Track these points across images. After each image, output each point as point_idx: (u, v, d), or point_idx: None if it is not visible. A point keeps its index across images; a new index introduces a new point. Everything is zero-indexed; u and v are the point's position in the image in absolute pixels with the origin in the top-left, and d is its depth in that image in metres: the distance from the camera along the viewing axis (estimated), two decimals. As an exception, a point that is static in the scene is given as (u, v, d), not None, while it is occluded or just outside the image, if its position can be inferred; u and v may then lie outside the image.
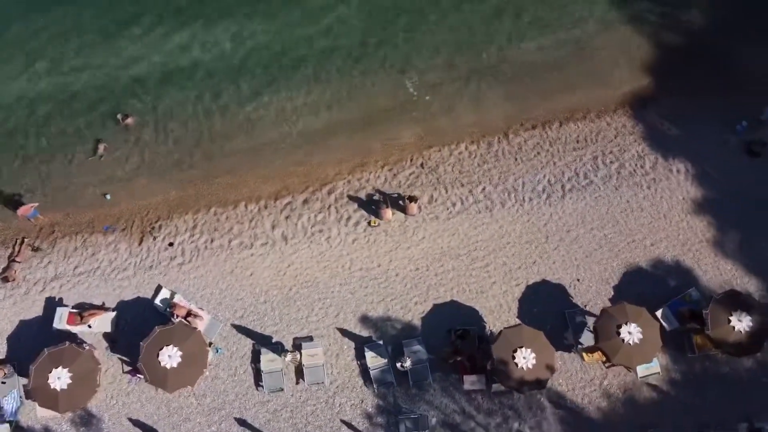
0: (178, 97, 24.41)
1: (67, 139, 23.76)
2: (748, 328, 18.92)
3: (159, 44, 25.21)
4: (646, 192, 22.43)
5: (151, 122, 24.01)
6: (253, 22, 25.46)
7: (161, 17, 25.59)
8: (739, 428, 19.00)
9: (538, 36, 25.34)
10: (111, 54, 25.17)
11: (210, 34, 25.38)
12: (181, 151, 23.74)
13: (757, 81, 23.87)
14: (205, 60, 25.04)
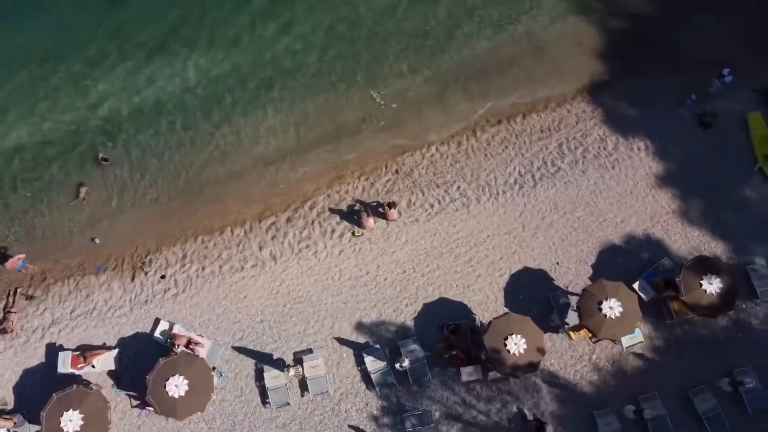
0: (150, 132, 24.79)
1: (47, 186, 24.04)
2: (719, 289, 20.17)
3: (125, 82, 25.52)
4: (612, 172, 23.59)
5: (127, 159, 24.41)
6: (215, 50, 25.96)
7: (124, 55, 25.85)
8: (721, 383, 20.22)
9: (493, 34, 26.32)
10: (79, 97, 25.41)
11: (174, 66, 25.75)
12: (160, 185, 24.19)
13: (702, 57, 25.20)
14: (172, 92, 25.45)
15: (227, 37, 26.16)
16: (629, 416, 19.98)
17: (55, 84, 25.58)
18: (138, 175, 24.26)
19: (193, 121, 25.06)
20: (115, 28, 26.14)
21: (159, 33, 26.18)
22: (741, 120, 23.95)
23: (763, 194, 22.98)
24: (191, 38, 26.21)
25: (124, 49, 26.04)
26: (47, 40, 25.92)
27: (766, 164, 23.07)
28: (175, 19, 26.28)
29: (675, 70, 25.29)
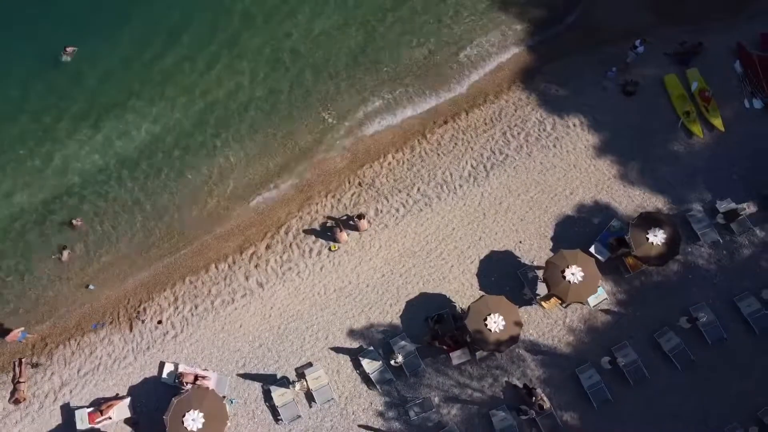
0: (119, 187, 25.79)
1: (28, 256, 24.81)
2: (664, 240, 22.45)
3: (86, 144, 26.31)
4: (554, 150, 25.70)
5: (102, 218, 25.32)
6: (169, 98, 27.03)
7: (78, 119, 26.63)
8: (681, 322, 22.52)
9: (424, 41, 28.13)
10: (43, 166, 26.21)
11: (129, 122, 26.58)
12: (138, 236, 25.23)
13: (616, 30, 27.57)
14: (135, 144, 26.42)
15: (180, 85, 27.22)
16: (606, 367, 22.12)
17: (16, 157, 26.28)
18: (115, 231, 25.15)
19: (157, 170, 26.03)
20: (62, 93, 26.85)
21: (108, 93, 27.00)
22: (659, 83, 26.34)
23: (690, 147, 25.42)
24: (143, 91, 27.23)
25: (78, 114, 26.74)
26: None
27: (687, 120, 25.49)
28: (122, 76, 27.22)
29: (594, 46, 27.59)
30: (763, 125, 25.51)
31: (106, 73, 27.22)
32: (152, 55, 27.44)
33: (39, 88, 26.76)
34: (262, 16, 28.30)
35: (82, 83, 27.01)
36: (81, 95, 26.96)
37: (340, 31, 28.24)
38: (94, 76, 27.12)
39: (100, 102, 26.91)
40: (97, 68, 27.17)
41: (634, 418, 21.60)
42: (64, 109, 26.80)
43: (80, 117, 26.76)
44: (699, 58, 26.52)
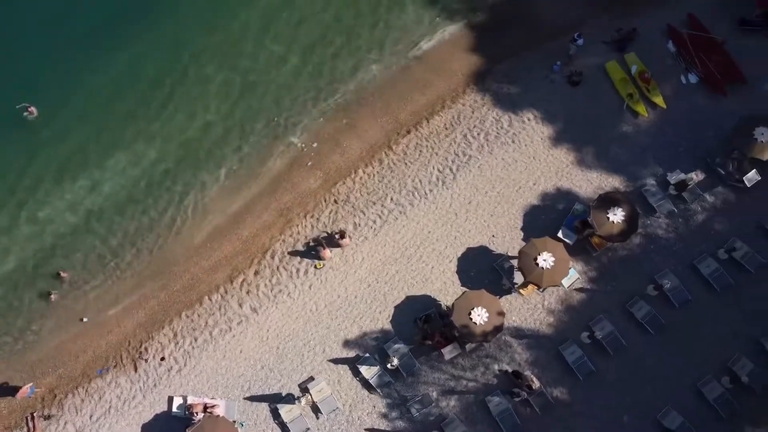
0: (103, 234, 26.57)
1: (22, 313, 25.48)
2: (623, 217, 24.20)
3: (63, 199, 26.91)
4: (513, 146, 27.29)
5: (90, 266, 26.09)
6: (141, 144, 27.77)
7: (53, 175, 27.21)
8: (648, 290, 24.30)
9: (378, 58, 29.42)
10: (21, 225, 26.74)
11: (105, 170, 27.34)
12: (127, 280, 26.09)
13: (556, 25, 29.24)
14: (115, 191, 27.13)
15: (148, 131, 27.96)
16: (586, 341, 23.80)
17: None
18: (104, 277, 26.02)
19: (137, 214, 26.82)
20: (30, 151, 27.39)
21: (76, 146, 27.68)
22: (601, 70, 28.11)
23: (637, 126, 27.25)
24: (114, 139, 27.94)
25: (54, 169, 27.40)
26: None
27: (631, 101, 27.30)
28: (87, 129, 27.82)
29: (538, 43, 29.21)
30: (700, 98, 27.44)
31: (70, 128, 27.73)
32: (114, 105, 28.11)
33: (5, 149, 27.31)
34: (214, 53, 29.09)
35: (49, 140, 27.54)
36: (50, 151, 27.53)
37: (295, 58, 29.35)
38: (60, 131, 27.67)
39: (71, 155, 27.55)
40: (62, 123, 27.73)
41: (618, 384, 23.31)
42: (36, 166, 27.35)
43: (54, 172, 27.40)
44: (635, 43, 28.35)
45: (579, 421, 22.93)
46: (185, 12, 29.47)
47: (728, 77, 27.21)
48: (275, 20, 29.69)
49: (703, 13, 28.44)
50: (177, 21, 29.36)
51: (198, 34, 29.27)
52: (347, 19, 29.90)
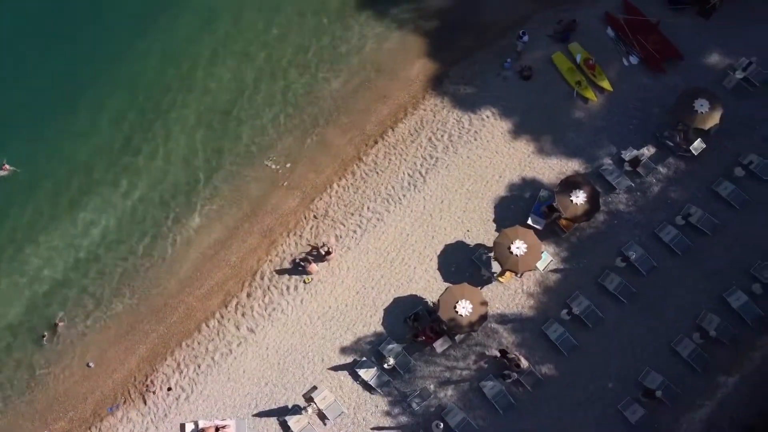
0: (94, 277, 27.42)
1: (25, 362, 26.28)
2: (585, 198, 25.85)
3: (52, 248, 27.82)
4: (476, 143, 28.80)
5: (87, 310, 27.00)
6: (118, 186, 28.63)
7: (39, 225, 28.14)
8: (616, 263, 26.03)
9: (336, 74, 30.62)
10: (17, 277, 27.64)
11: (85, 216, 28.25)
12: (124, 318, 26.99)
13: (503, 23, 30.89)
14: (99, 235, 28.02)
15: (131, 168, 28.86)
16: (566, 318, 25.42)
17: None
18: (102, 319, 26.90)
19: (124, 256, 27.75)
20: (8, 206, 28.15)
21: (60, 193, 28.60)
22: (549, 62, 29.77)
23: (588, 111, 28.96)
24: (90, 186, 28.72)
25: (34, 220, 28.26)
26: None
27: (580, 89, 29.00)
28: (67, 174, 28.74)
29: (488, 43, 30.81)
30: (642, 78, 29.27)
31: (44, 180, 28.61)
32: (85, 152, 29.00)
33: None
34: (169, 90, 30.00)
35: (25, 193, 28.35)
36: (28, 204, 28.32)
37: (262, 82, 30.51)
38: (34, 184, 28.49)
39: (50, 206, 28.38)
40: (35, 176, 28.53)
41: (600, 354, 24.96)
42: (17, 220, 28.14)
43: (36, 224, 28.21)
44: (576, 33, 30.06)
45: (568, 393, 24.54)
46: (139, 54, 30.41)
47: (665, 55, 29.10)
48: (226, 53, 30.71)
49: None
50: (133, 63, 30.32)
51: (154, 73, 30.23)
52: (300, 40, 31.06)
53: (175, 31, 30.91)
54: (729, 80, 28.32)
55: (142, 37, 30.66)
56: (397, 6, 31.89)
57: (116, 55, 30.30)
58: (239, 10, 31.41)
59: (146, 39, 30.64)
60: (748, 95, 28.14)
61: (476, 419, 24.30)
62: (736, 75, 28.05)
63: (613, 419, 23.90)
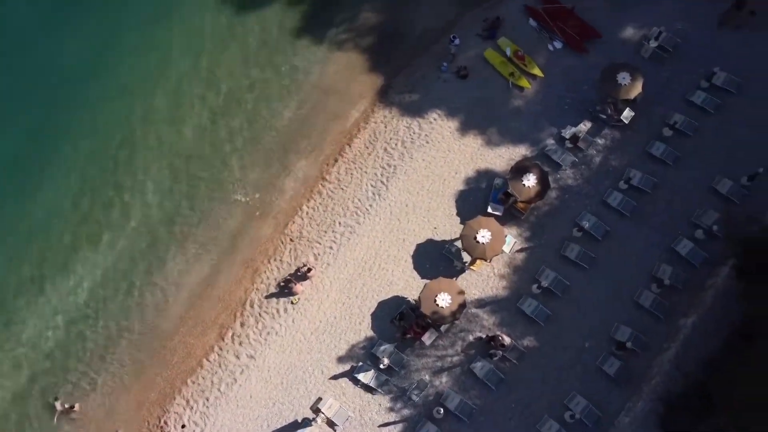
0: (91, 336, 28.50)
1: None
2: (536, 180, 28.05)
3: (45, 313, 28.87)
4: (429, 146, 30.77)
5: (90, 374, 27.96)
6: (97, 244, 29.69)
7: (28, 293, 29.21)
8: (573, 233, 28.31)
9: (287, 102, 32.22)
10: (16, 347, 28.59)
11: (71, 277, 29.24)
12: (128, 368, 28.15)
13: (436, 29, 32.95)
14: (87, 294, 29.05)
15: (102, 228, 30.02)
16: (537, 292, 27.64)
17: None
18: (106, 375, 28.03)
19: (115, 310, 28.81)
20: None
21: (41, 257, 29.63)
22: (483, 59, 31.94)
23: (525, 99, 31.22)
24: (70, 248, 29.74)
25: (22, 288, 29.28)
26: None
27: (514, 79, 31.25)
28: (47, 236, 29.77)
29: (423, 51, 32.86)
30: (568, 59, 31.67)
31: (25, 245, 29.65)
32: (59, 215, 30.02)
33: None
34: (141, 138, 31.33)
35: (8, 263, 29.37)
36: (13, 273, 29.29)
37: (219, 122, 31.93)
38: (15, 253, 29.50)
39: (33, 274, 29.38)
40: (14, 244, 29.56)
41: (573, 319, 27.23)
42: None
43: (25, 292, 29.17)
44: (502, 29, 32.30)
45: (550, 359, 26.75)
46: (97, 103, 31.58)
47: (585, 36, 31.57)
48: (180, 98, 32.00)
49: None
50: (89, 123, 31.43)
51: (111, 132, 31.36)
52: (248, 76, 32.53)
53: (128, 83, 32.03)
54: (645, 50, 30.94)
55: (97, 89, 31.75)
56: (333, 28, 33.66)
57: (75, 104, 31.33)
58: (189, 56, 32.65)
59: (101, 94, 31.75)
60: (664, 61, 30.81)
61: (472, 399, 26.33)
62: (651, 44, 30.67)
63: (594, 375, 26.21)
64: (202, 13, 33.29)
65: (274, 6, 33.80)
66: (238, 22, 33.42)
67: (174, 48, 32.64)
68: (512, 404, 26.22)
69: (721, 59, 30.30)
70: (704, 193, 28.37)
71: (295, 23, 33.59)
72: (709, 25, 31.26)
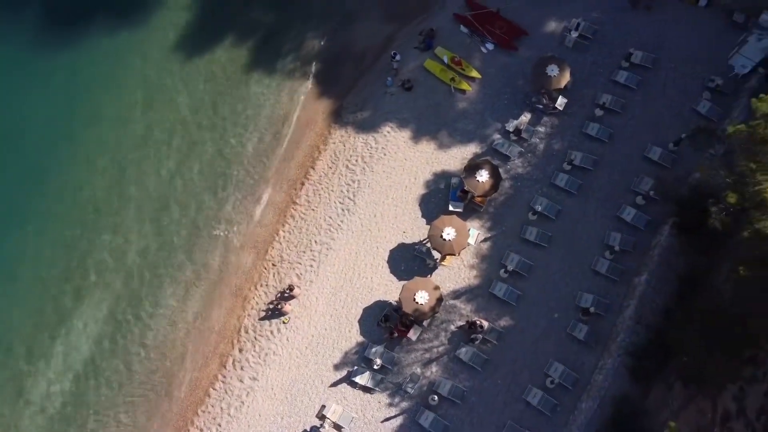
0: (99, 384, 30.20)
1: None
2: (488, 175, 30.59)
3: (50, 372, 30.46)
4: (387, 158, 33.09)
5: (103, 414, 29.74)
6: (91, 297, 31.43)
7: (33, 354, 30.77)
8: (529, 216, 30.98)
9: (249, 136, 34.18)
10: (24, 408, 30.06)
11: (70, 333, 30.99)
12: (140, 407, 29.94)
13: (374, 50, 35.35)
14: (90, 345, 30.76)
15: (95, 284, 31.67)
16: (505, 275, 30.18)
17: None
18: (118, 415, 29.81)
19: (117, 354, 30.69)
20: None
21: (37, 322, 31.20)
22: (423, 70, 34.39)
23: (468, 100, 33.77)
24: (68, 304, 31.47)
25: (23, 351, 30.83)
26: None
27: (455, 84, 33.77)
28: (39, 301, 31.36)
29: (367, 69, 35.23)
30: (501, 58, 34.33)
31: (18, 313, 31.19)
32: (51, 273, 31.70)
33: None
34: (116, 192, 33.11)
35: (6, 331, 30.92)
36: (13, 340, 30.84)
37: (186, 164, 33.76)
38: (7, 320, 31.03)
39: (32, 336, 30.96)
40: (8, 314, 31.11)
41: (541, 295, 29.80)
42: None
43: (27, 355, 30.71)
44: (437, 39, 34.82)
45: (526, 334, 29.33)
46: (65, 169, 33.32)
47: (513, 35, 34.29)
48: (147, 148, 33.86)
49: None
50: (62, 182, 33.10)
51: (84, 190, 33.15)
52: (206, 117, 34.49)
53: (90, 136, 33.76)
54: (569, 40, 33.80)
55: (68, 145, 33.58)
56: (280, 59, 35.79)
57: (49, 163, 33.06)
58: (149, 108, 34.45)
59: (70, 147, 33.58)
60: (587, 48, 33.71)
61: (462, 382, 28.77)
62: (573, 35, 33.55)
63: (567, 341, 28.89)
64: (154, 68, 35.16)
65: (219, 48, 35.78)
66: (189, 68, 35.27)
67: (136, 103, 34.41)
68: (498, 381, 28.74)
69: (636, 39, 33.34)
70: (639, 163, 31.29)
71: (244, 59, 35.62)
72: (621, 8, 34.26)
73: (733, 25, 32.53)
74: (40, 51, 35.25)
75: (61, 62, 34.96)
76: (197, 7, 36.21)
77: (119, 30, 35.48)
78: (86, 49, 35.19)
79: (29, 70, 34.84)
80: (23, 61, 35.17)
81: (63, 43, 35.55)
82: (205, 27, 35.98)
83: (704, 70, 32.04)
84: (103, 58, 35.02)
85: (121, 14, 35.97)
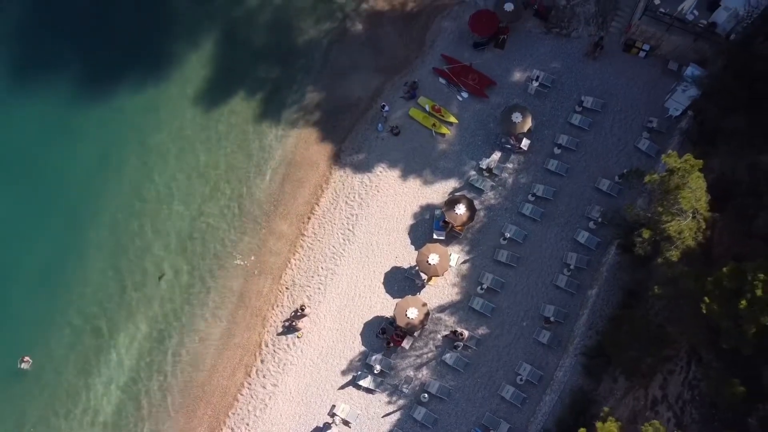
0: (145, 396, 36.17)
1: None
2: (465, 208, 36.50)
3: (87, 414, 36.23)
4: (380, 194, 38.97)
5: (152, 416, 35.66)
6: (126, 328, 37.37)
7: (71, 399, 36.65)
8: (501, 241, 36.93)
9: (262, 178, 40.10)
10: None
11: (109, 368, 36.85)
12: (179, 412, 35.83)
13: (365, 100, 41.23)
14: (124, 380, 36.63)
15: (125, 320, 37.60)
16: (481, 292, 36.11)
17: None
18: (162, 418, 35.71)
19: (153, 375, 36.58)
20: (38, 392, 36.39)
21: (78, 365, 37.12)
22: (409, 117, 40.27)
23: (447, 142, 39.59)
24: (105, 342, 37.35)
25: (64, 395, 36.68)
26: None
27: (436, 128, 39.66)
28: (79, 343, 37.22)
29: (360, 116, 41.12)
30: (475, 105, 40.16)
31: (59, 362, 36.93)
32: (88, 318, 37.53)
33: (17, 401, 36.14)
34: (149, 230, 39.05)
35: (49, 378, 36.62)
36: (54, 385, 36.57)
37: (209, 204, 39.66)
38: (52, 368, 36.72)
39: (71, 383, 36.75)
40: (51, 361, 36.76)
41: (512, 308, 35.68)
42: (50, 400, 36.41)
43: (66, 399, 36.50)
44: (420, 89, 40.74)
45: (500, 340, 35.28)
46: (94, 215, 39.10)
47: (483, 85, 40.22)
48: (176, 192, 39.69)
49: (451, 50, 41.21)
50: (94, 222, 38.87)
51: (115, 230, 39.11)
52: (224, 163, 40.38)
53: (129, 181, 39.66)
54: (531, 89, 39.74)
55: (93, 201, 39.38)
56: (285, 110, 41.61)
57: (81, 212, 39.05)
58: (172, 160, 40.33)
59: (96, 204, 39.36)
60: (546, 95, 39.65)
61: (448, 382, 34.71)
62: (534, 84, 39.52)
63: (533, 346, 34.85)
64: (178, 121, 40.96)
65: (233, 102, 41.51)
66: (207, 121, 41.02)
67: (161, 156, 40.29)
68: (478, 379, 34.71)
69: (587, 86, 39.33)
70: (591, 193, 37.26)
71: (253, 112, 41.39)
72: (576, 59, 40.24)
73: (668, 73, 38.52)
74: (76, 108, 41.10)
75: (95, 117, 40.86)
76: (213, 68, 42.02)
77: (145, 86, 41.36)
78: (120, 104, 41.03)
79: (67, 125, 40.64)
80: (62, 116, 41.02)
81: (96, 99, 41.43)
82: (221, 83, 41.67)
83: (644, 112, 38.02)
84: (134, 113, 40.93)
85: (146, 73, 41.84)
